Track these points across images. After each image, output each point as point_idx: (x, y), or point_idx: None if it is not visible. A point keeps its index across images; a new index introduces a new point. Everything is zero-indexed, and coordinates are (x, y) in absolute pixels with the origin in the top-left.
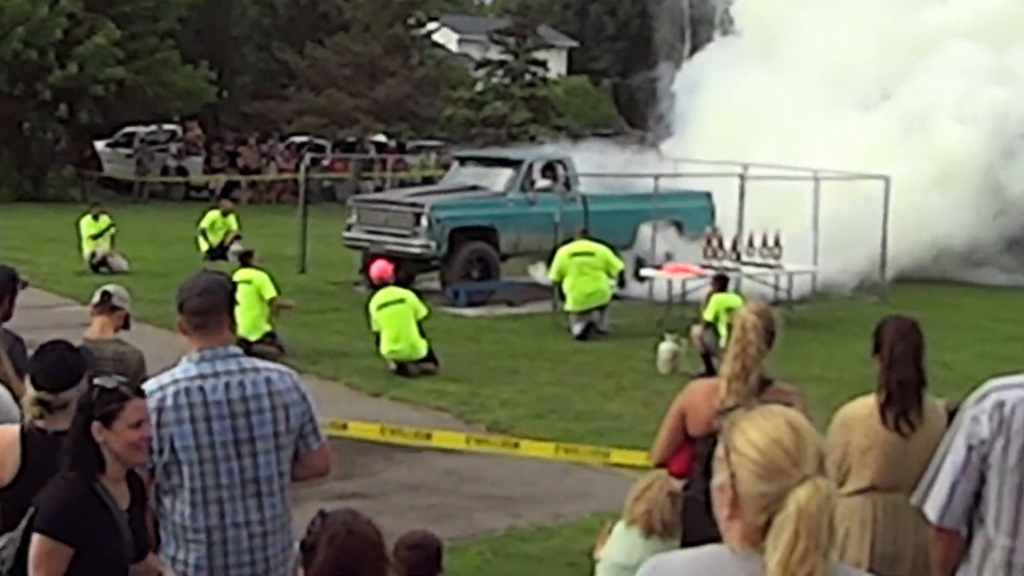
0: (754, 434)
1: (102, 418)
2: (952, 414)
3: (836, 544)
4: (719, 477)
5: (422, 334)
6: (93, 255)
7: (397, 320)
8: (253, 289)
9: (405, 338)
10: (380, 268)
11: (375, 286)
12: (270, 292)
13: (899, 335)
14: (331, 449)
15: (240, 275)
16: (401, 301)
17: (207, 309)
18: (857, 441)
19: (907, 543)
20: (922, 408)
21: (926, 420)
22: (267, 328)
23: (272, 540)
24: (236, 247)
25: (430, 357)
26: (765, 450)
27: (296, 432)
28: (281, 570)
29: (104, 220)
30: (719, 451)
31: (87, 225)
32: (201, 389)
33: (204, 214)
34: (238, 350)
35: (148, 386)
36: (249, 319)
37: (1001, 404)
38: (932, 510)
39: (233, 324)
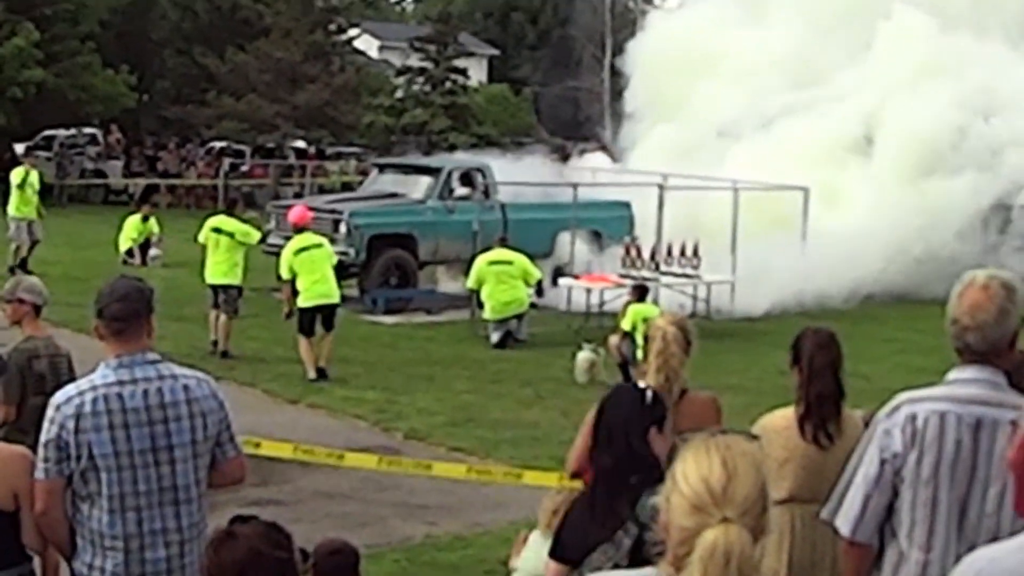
0: (690, 466)
1: None
2: (867, 424)
3: None
4: (659, 498)
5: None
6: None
7: (317, 264)
8: (235, 238)
9: (325, 281)
10: (299, 213)
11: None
12: (253, 238)
13: (817, 347)
14: (248, 455)
15: (222, 223)
16: (319, 246)
17: (127, 315)
18: (775, 453)
19: (825, 554)
20: (840, 420)
21: (844, 432)
22: (238, 281)
23: (189, 548)
24: (155, 251)
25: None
26: (693, 485)
27: (213, 439)
28: None
29: None
30: (668, 473)
31: None
32: (120, 396)
33: (124, 219)
34: (156, 356)
35: (67, 392)
36: (226, 266)
37: (913, 417)
38: (844, 523)
39: (151, 330)
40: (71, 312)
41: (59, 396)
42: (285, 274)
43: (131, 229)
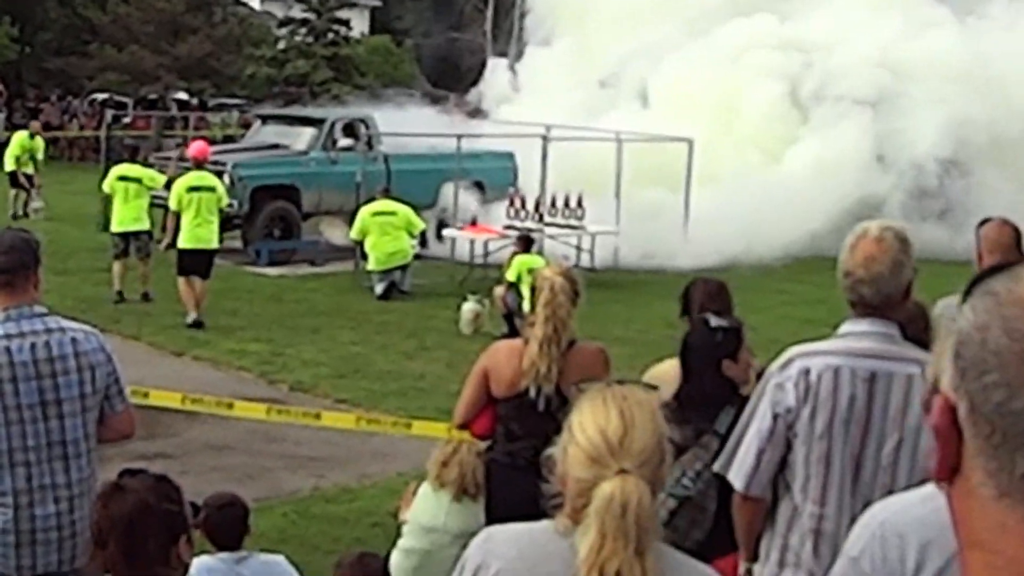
0: (587, 417)
1: None
2: (760, 377)
3: (653, 536)
4: (556, 449)
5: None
6: None
7: (203, 206)
8: (143, 186)
9: (205, 225)
10: (199, 148)
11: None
12: (160, 182)
13: (708, 297)
14: (135, 409)
15: (128, 170)
16: (212, 189)
17: (14, 267)
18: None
19: None
20: None
21: None
22: (147, 226)
23: (79, 503)
24: (37, 204)
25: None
26: (590, 436)
27: (102, 393)
28: (87, 533)
29: None
30: (565, 423)
31: None
32: (7, 350)
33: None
34: (43, 309)
35: None
36: (136, 211)
37: (807, 371)
38: (737, 478)
39: (38, 283)
40: None
41: None
42: (172, 206)
43: (16, 146)
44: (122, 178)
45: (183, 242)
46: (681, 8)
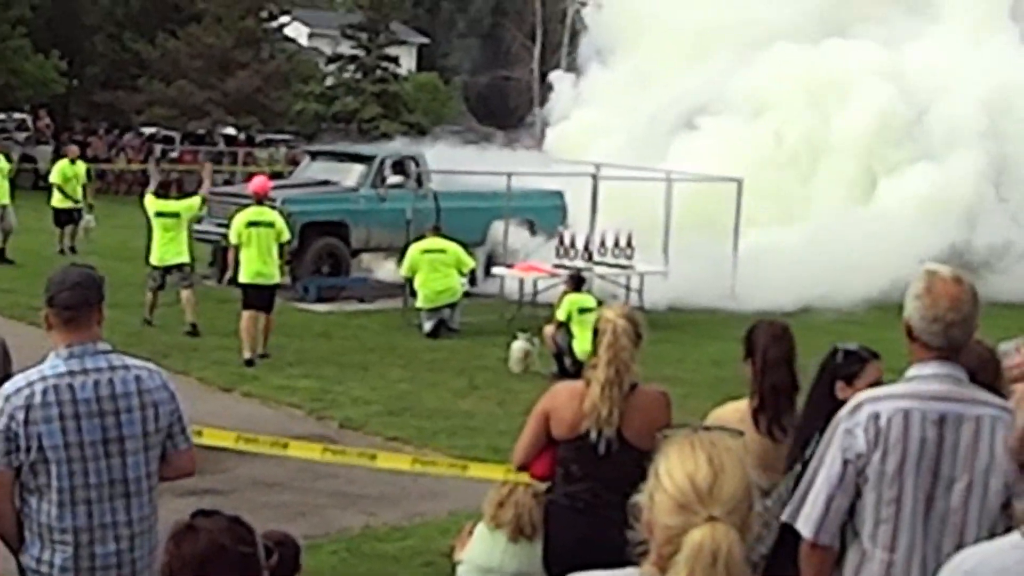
0: (674, 463)
1: None
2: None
3: None
4: (642, 496)
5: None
6: None
7: (261, 241)
8: (181, 219)
9: (262, 261)
10: (260, 183)
11: (247, 205)
12: (196, 207)
13: (772, 339)
14: None
15: (164, 206)
16: (270, 225)
17: (79, 303)
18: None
19: None
20: (794, 413)
21: None
22: (187, 258)
23: (139, 542)
24: (88, 218)
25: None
26: (679, 483)
27: (165, 431)
28: (147, 573)
29: None
30: (651, 469)
31: None
32: (70, 387)
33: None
34: (107, 346)
35: (16, 382)
36: (177, 245)
37: (876, 416)
38: (806, 526)
39: (101, 319)
40: (3, 298)
41: (8, 387)
42: (232, 240)
43: (58, 174)
44: (159, 214)
45: (244, 277)
46: (746, 28)
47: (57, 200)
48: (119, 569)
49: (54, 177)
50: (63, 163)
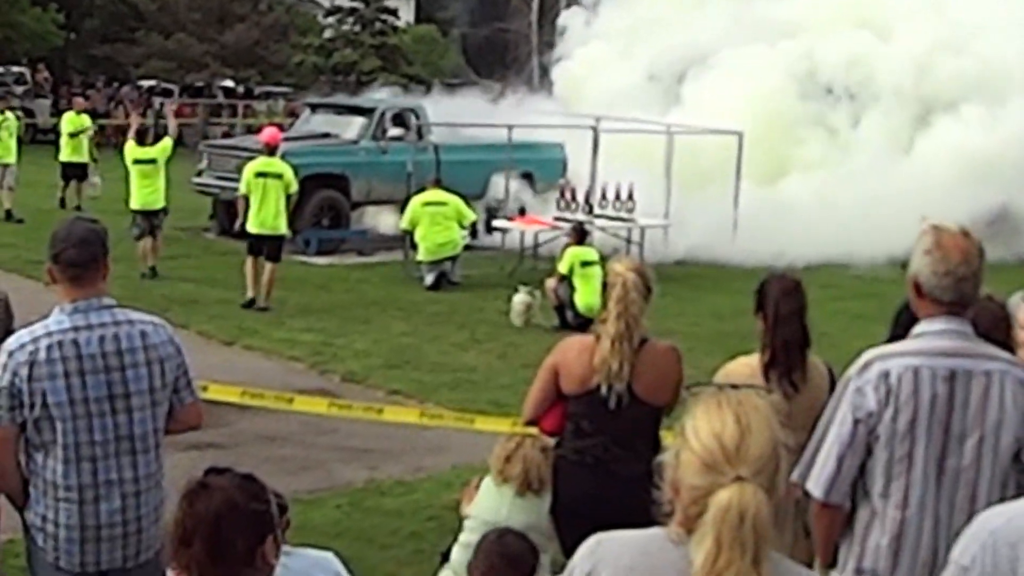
0: (701, 422)
1: None
2: (832, 372)
3: (770, 546)
4: (667, 455)
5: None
6: None
7: (268, 193)
8: (159, 163)
9: (268, 212)
10: (271, 134)
11: (258, 154)
12: (168, 149)
13: (783, 293)
14: None
15: (142, 153)
16: (278, 176)
17: (85, 261)
18: None
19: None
20: (805, 368)
21: (809, 380)
22: (164, 203)
23: (145, 499)
24: (95, 179)
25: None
26: (705, 442)
27: (171, 387)
28: (153, 529)
29: None
30: (677, 428)
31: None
32: (75, 342)
33: (53, 157)
34: (112, 301)
35: (20, 338)
36: (153, 192)
37: (886, 374)
38: (817, 486)
39: (106, 273)
40: (4, 252)
41: (11, 342)
42: (242, 189)
43: (68, 123)
44: (136, 161)
45: (251, 226)
46: None
47: (66, 153)
48: (124, 526)
49: (67, 127)
50: (70, 114)
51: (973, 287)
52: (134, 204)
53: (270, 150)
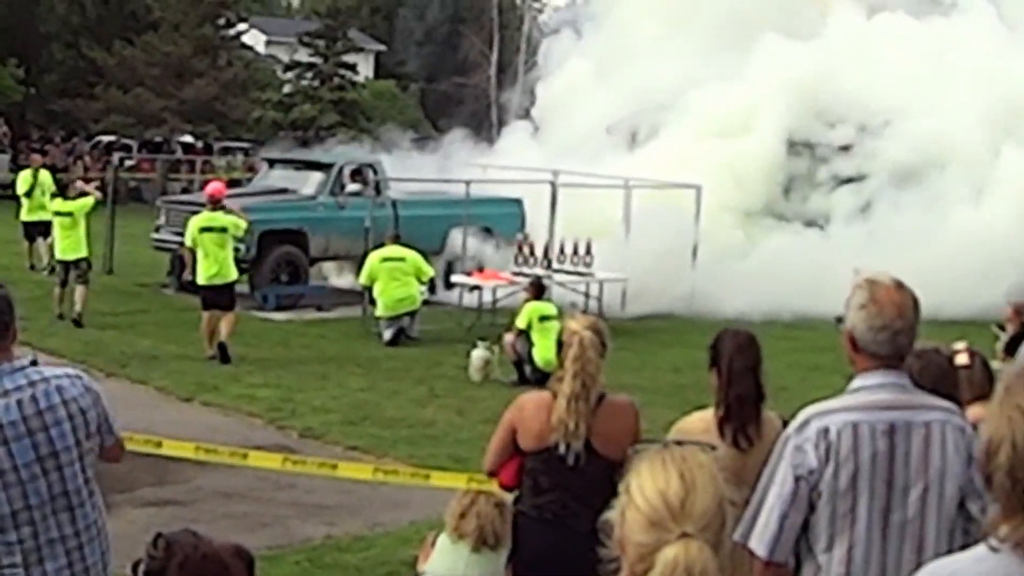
0: (646, 479)
1: None
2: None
3: None
4: (613, 512)
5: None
6: None
7: (213, 247)
8: (76, 217)
9: (215, 263)
10: (216, 188)
11: (204, 209)
12: (89, 205)
13: (737, 349)
14: (145, 454)
15: (61, 206)
16: (222, 230)
17: None
18: None
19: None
20: (760, 422)
21: (763, 435)
22: (85, 253)
23: (89, 550)
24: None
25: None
26: (650, 499)
27: (96, 436)
28: None
29: None
30: (622, 486)
31: None
32: None
33: (15, 213)
34: (23, 362)
35: None
36: (73, 241)
37: (825, 431)
38: (760, 545)
39: (15, 336)
40: None
41: None
42: (188, 242)
43: (23, 183)
44: (56, 213)
45: (200, 279)
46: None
47: (25, 212)
48: None
49: (20, 188)
50: (26, 173)
51: (909, 340)
52: (55, 254)
53: (214, 204)
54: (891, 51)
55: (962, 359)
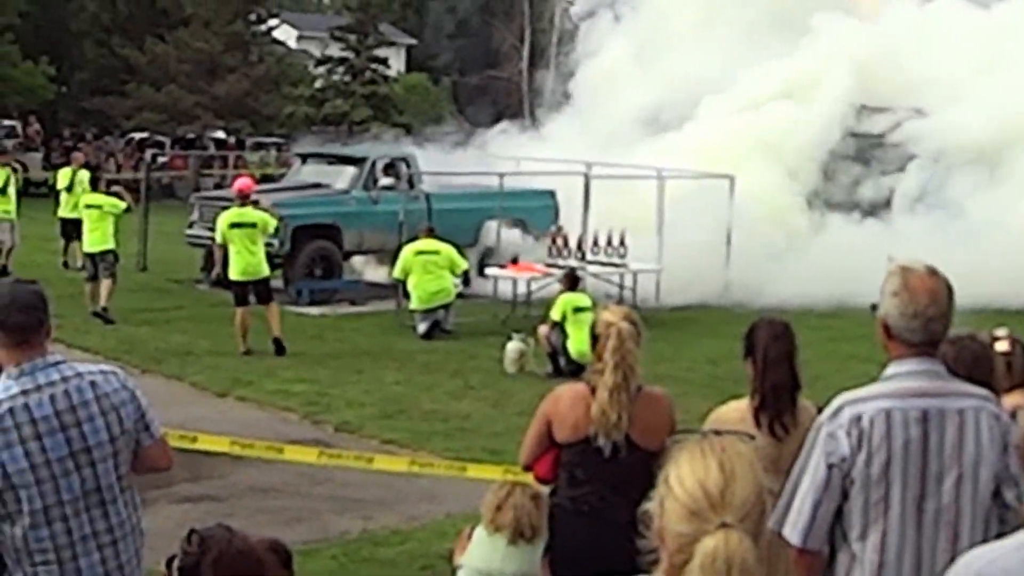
0: (685, 470)
1: None
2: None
3: None
4: (652, 503)
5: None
6: None
7: (244, 241)
8: (105, 211)
9: (246, 258)
10: (243, 183)
11: (230, 205)
12: (121, 207)
13: (772, 338)
14: (180, 449)
15: (91, 199)
16: (252, 225)
17: (29, 326)
18: None
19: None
20: (795, 411)
21: (799, 423)
22: (112, 246)
23: (123, 546)
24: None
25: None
26: (690, 490)
27: (132, 433)
28: (137, 574)
29: None
30: (661, 476)
31: None
32: (26, 407)
33: (53, 212)
34: (58, 357)
35: None
36: (100, 234)
37: (858, 418)
38: (794, 533)
39: (49, 331)
40: None
41: None
42: (218, 239)
43: (64, 178)
44: (87, 206)
45: (233, 276)
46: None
47: (64, 209)
48: None
49: (60, 183)
50: (67, 170)
51: (943, 327)
52: (83, 247)
53: (243, 200)
54: (948, 35)
55: (1002, 346)
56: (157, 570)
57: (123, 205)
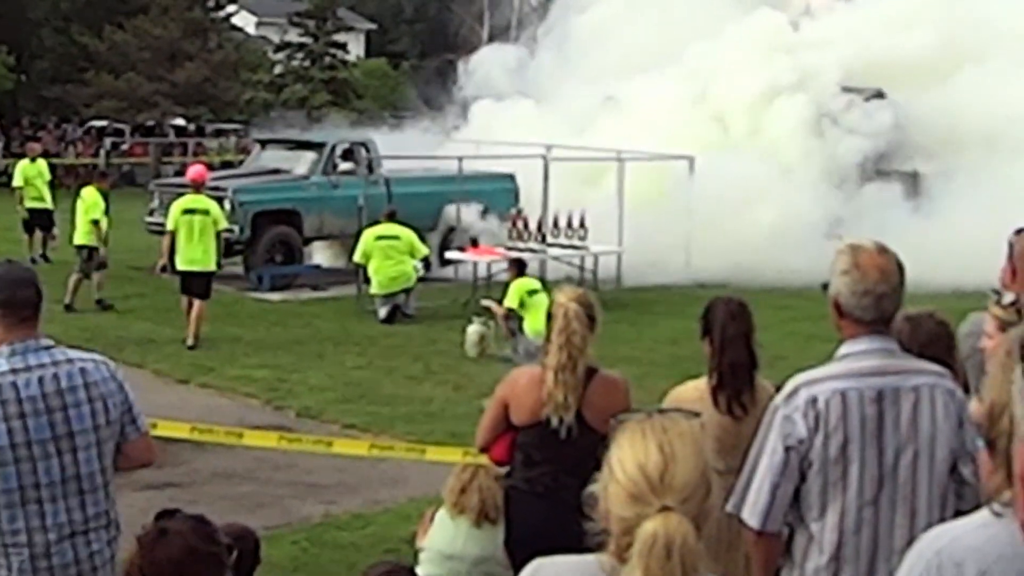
0: (626, 452)
1: None
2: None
3: (707, 572)
4: (597, 486)
5: (218, 247)
6: None
7: (193, 230)
8: (90, 204)
9: (194, 248)
10: (197, 171)
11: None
12: (98, 211)
13: (729, 316)
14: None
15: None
16: (205, 212)
17: (24, 303)
18: None
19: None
20: (753, 390)
21: (757, 402)
22: (95, 242)
23: (96, 537)
24: (51, 243)
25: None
26: (630, 473)
27: (117, 424)
28: (108, 567)
29: None
30: (605, 459)
31: None
32: (14, 385)
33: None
34: (49, 341)
35: None
36: (83, 230)
37: (814, 400)
38: (752, 515)
39: (40, 314)
40: None
41: None
42: (169, 226)
43: (19, 177)
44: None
45: (179, 264)
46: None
47: (28, 200)
48: (77, 566)
49: (16, 180)
50: (24, 163)
51: (894, 304)
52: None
53: (196, 187)
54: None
55: (1008, 297)
56: (125, 559)
57: (99, 202)
